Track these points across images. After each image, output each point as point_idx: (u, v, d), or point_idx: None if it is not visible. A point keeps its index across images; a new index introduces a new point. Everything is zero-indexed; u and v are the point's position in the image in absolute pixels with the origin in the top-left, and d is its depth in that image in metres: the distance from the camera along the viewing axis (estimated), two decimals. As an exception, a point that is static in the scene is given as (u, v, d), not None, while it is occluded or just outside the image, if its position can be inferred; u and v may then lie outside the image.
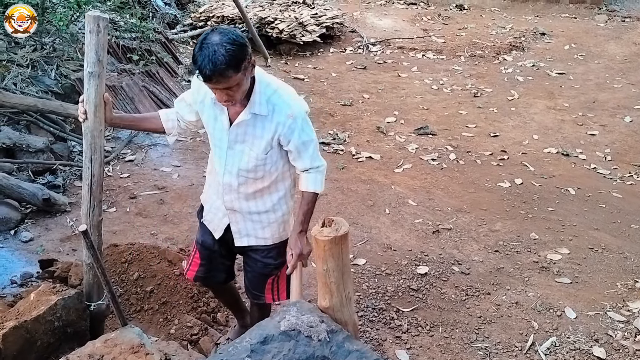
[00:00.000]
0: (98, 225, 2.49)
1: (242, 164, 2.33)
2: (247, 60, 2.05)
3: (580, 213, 4.77)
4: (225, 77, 2.00)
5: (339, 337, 1.76)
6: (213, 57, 1.95)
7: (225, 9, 8.96)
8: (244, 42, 2.04)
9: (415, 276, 3.88)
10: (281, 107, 2.22)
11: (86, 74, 2.29)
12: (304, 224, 2.39)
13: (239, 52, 2.00)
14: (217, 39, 1.98)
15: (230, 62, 1.97)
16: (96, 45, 2.25)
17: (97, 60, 2.27)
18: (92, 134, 2.36)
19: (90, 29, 2.24)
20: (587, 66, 8.61)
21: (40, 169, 4.82)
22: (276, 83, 2.30)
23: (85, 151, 2.39)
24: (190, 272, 2.74)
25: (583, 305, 3.61)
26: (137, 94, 5.97)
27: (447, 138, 6.18)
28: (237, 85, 2.06)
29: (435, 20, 11.04)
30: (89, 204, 2.44)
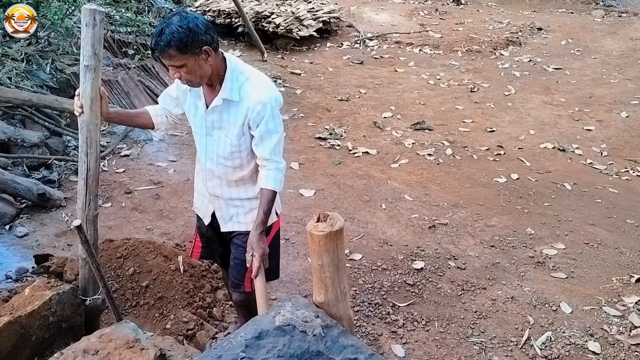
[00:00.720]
0: (94, 220, 2.48)
1: (219, 151, 2.42)
2: (196, 45, 2.13)
3: (576, 208, 4.78)
4: (166, 54, 2.12)
5: (334, 332, 1.76)
6: (159, 32, 2.10)
7: (221, 3, 8.92)
8: (195, 28, 2.12)
9: (411, 271, 3.88)
10: (252, 94, 2.29)
11: (82, 67, 2.28)
12: (263, 224, 2.38)
13: (184, 35, 2.08)
14: (174, 19, 2.12)
15: (171, 42, 2.08)
16: (92, 38, 2.24)
17: (93, 53, 2.26)
18: (88, 128, 2.35)
19: (86, 22, 2.23)
20: (583, 61, 8.61)
21: (35, 164, 4.80)
22: (250, 71, 2.37)
23: (81, 145, 2.38)
24: (195, 253, 2.85)
25: (578, 300, 3.61)
26: (133, 89, 5.95)
27: (444, 133, 6.18)
28: (185, 66, 2.15)
29: (432, 15, 11.03)
30: (84, 199, 2.43)
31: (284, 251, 4.01)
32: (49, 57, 5.87)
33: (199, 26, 2.13)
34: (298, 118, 6.37)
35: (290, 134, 5.97)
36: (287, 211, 4.55)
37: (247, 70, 2.35)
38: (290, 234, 4.26)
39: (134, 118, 2.62)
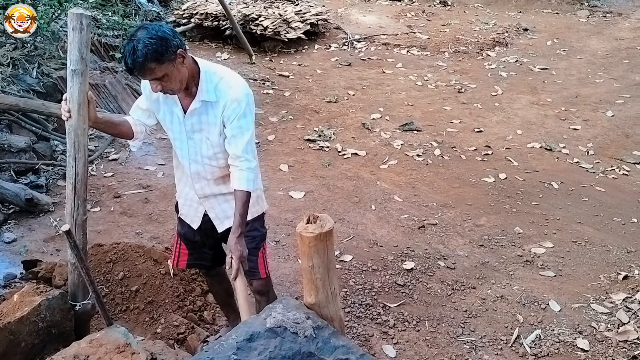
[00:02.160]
0: (83, 225, 2.47)
1: (203, 152, 2.45)
2: (170, 51, 2.15)
3: (564, 207, 4.82)
4: (146, 69, 2.13)
5: (325, 333, 1.77)
6: (132, 51, 2.09)
7: (208, 6, 8.91)
8: (165, 35, 2.14)
9: (401, 271, 3.90)
10: (227, 92, 2.33)
11: (69, 71, 2.27)
12: (241, 226, 2.39)
13: (157, 45, 2.10)
14: (140, 34, 2.12)
15: (148, 55, 2.09)
16: (79, 42, 2.23)
17: (80, 57, 2.25)
18: (75, 133, 2.34)
19: (73, 27, 2.22)
20: (569, 61, 8.69)
21: (22, 169, 4.77)
22: (222, 71, 2.40)
23: (69, 150, 2.37)
24: (181, 262, 2.85)
25: (567, 298, 3.65)
26: (120, 92, 5.92)
27: (432, 134, 6.21)
28: (166, 75, 2.17)
29: (420, 16, 11.08)
30: (73, 203, 2.42)
31: (274, 253, 4.03)
32: (35, 62, 5.83)
33: (166, 32, 2.16)
34: (287, 120, 6.38)
35: (279, 136, 5.97)
36: (277, 213, 4.55)
37: (218, 70, 2.39)
38: (280, 236, 4.27)
39: (117, 126, 2.58)
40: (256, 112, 6.42)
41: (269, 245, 4.08)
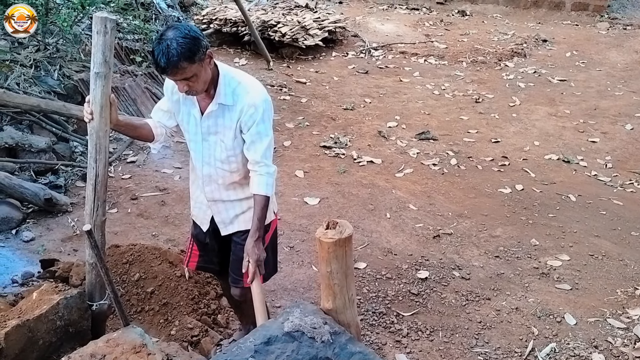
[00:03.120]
0: (101, 225, 2.50)
1: (216, 155, 2.47)
2: (202, 52, 2.18)
3: (581, 220, 4.78)
4: (179, 69, 2.15)
5: (342, 338, 1.77)
6: (166, 50, 2.11)
7: (228, 12, 8.98)
8: (196, 35, 2.17)
9: (415, 280, 3.89)
10: (244, 97, 2.35)
11: (92, 74, 2.30)
12: (259, 230, 2.41)
13: (191, 44, 2.13)
14: (172, 34, 2.14)
15: (182, 55, 2.11)
16: (103, 46, 2.26)
17: (103, 61, 2.28)
18: (97, 135, 2.37)
19: (97, 30, 2.25)
20: (588, 73, 8.63)
21: (42, 169, 4.83)
22: (241, 76, 2.43)
23: (90, 151, 2.40)
24: (191, 263, 2.86)
25: (583, 312, 3.61)
26: (140, 96, 5.98)
27: (449, 143, 6.19)
28: (195, 76, 2.21)
29: (438, 25, 11.07)
30: (92, 204, 2.44)
31: (288, 259, 4.04)
32: (57, 64, 5.91)
33: (197, 32, 2.19)
34: (303, 126, 6.40)
35: (295, 142, 6.00)
36: (292, 219, 4.57)
37: (237, 75, 2.41)
38: (295, 241, 4.27)
39: (138, 129, 2.62)
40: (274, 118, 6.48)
41: (283, 251, 4.11)
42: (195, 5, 10.06)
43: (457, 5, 12.39)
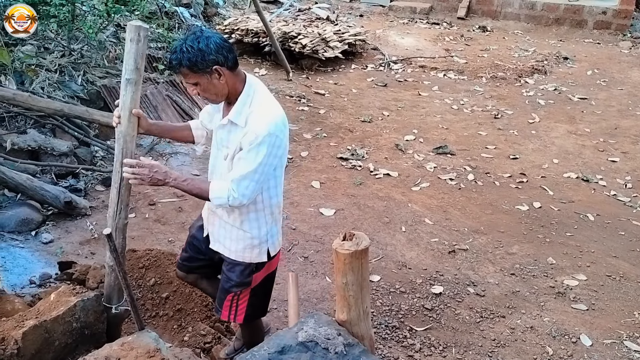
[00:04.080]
0: (123, 229, 2.53)
1: (221, 168, 2.45)
2: (205, 65, 2.18)
3: (599, 239, 4.72)
4: (180, 73, 2.23)
5: (355, 350, 1.77)
6: (174, 51, 2.20)
7: (249, 23, 9.08)
8: (206, 49, 2.17)
9: (429, 295, 3.87)
10: (254, 123, 2.26)
11: (123, 80, 2.33)
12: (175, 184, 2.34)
13: (193, 55, 2.16)
14: (188, 39, 2.20)
15: (182, 62, 2.18)
16: (135, 53, 2.30)
17: (135, 68, 2.31)
18: (124, 139, 2.40)
19: (131, 38, 2.28)
20: (609, 92, 8.56)
21: (63, 172, 4.91)
22: (264, 100, 2.34)
23: (117, 155, 2.43)
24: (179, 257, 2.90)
25: (599, 333, 3.56)
26: (161, 103, 6.06)
27: (466, 158, 6.17)
28: (199, 84, 2.24)
29: (458, 40, 11.07)
30: (116, 207, 2.47)
31: (302, 269, 4.04)
32: (81, 69, 6.02)
33: (209, 46, 2.18)
34: (321, 137, 6.42)
35: (312, 153, 6.02)
36: (307, 229, 4.58)
37: (263, 100, 2.34)
38: (309, 252, 4.28)
39: (174, 132, 2.67)
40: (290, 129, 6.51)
41: (297, 261, 4.12)
42: (218, 15, 10.18)
43: (478, 20, 12.40)
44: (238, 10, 11.05)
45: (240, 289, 2.57)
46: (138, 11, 6.75)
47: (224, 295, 2.62)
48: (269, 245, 2.54)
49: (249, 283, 2.56)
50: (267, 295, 2.76)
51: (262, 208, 2.44)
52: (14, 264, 3.81)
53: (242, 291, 2.58)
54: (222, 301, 2.63)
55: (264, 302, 2.75)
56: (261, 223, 2.48)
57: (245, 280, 2.56)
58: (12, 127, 5.05)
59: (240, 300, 2.60)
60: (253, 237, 2.49)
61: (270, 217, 2.50)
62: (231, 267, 2.57)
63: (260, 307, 2.73)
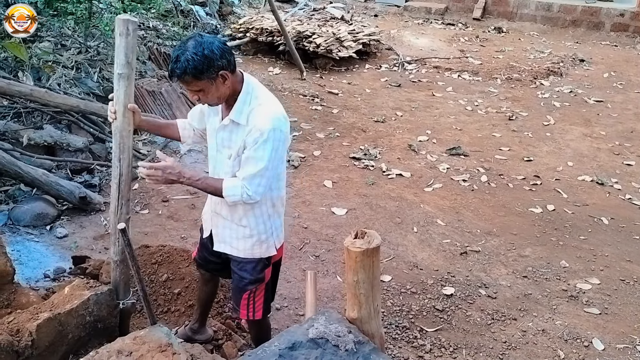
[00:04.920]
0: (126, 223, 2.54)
1: (224, 168, 2.43)
2: (211, 71, 2.15)
3: (613, 243, 4.68)
4: (184, 81, 2.17)
5: (365, 348, 1.77)
6: (176, 60, 2.13)
7: (264, 22, 9.11)
8: (211, 55, 2.12)
9: (440, 296, 3.86)
10: (256, 120, 2.26)
11: (116, 75, 2.34)
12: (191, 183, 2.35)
13: (200, 62, 2.11)
14: (190, 45, 2.13)
15: (187, 70, 2.11)
16: (125, 47, 2.30)
17: (126, 62, 2.31)
18: (121, 134, 2.41)
19: (120, 32, 2.28)
20: (626, 95, 8.47)
21: (78, 168, 4.96)
22: (264, 98, 2.34)
23: (115, 150, 2.44)
24: (195, 252, 2.92)
25: (612, 338, 3.53)
26: (175, 100, 6.10)
27: (480, 160, 6.14)
28: (202, 90, 2.20)
29: (473, 41, 11.02)
30: (117, 202, 2.49)
31: (313, 268, 4.05)
32: (97, 66, 6.08)
33: (214, 52, 2.13)
34: (333, 137, 6.43)
35: (325, 152, 6.03)
36: (319, 228, 4.58)
37: (261, 96, 2.33)
38: (321, 251, 4.29)
39: (162, 128, 2.67)
40: (303, 128, 6.53)
41: (308, 260, 4.13)
42: (233, 14, 10.23)
43: (494, 21, 12.34)
44: (253, 9, 11.09)
45: (255, 286, 2.60)
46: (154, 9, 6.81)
47: (239, 295, 2.63)
48: (275, 239, 2.57)
49: (262, 279, 2.60)
50: (273, 291, 2.81)
51: (263, 202, 2.45)
52: (29, 258, 3.86)
53: (258, 287, 2.61)
54: (239, 300, 2.65)
55: (273, 293, 2.80)
56: (265, 218, 2.50)
57: (259, 277, 2.59)
58: (28, 123, 5.11)
59: (257, 297, 2.63)
60: (260, 233, 2.50)
61: (272, 209, 2.51)
62: (242, 265, 2.59)
63: (272, 299, 2.79)
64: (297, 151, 5.93)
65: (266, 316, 2.76)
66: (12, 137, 4.84)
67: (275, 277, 2.77)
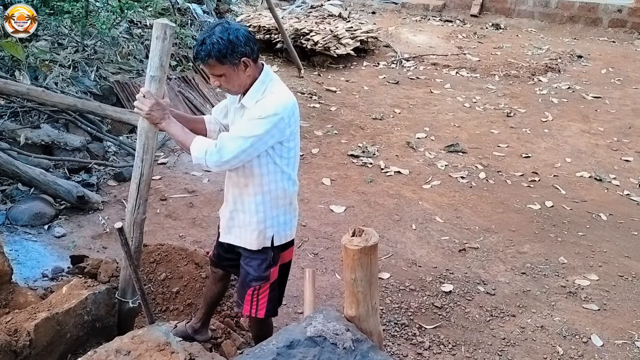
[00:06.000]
0: (141, 223, 2.55)
1: None
2: (234, 56, 2.23)
3: (611, 239, 4.68)
4: (207, 64, 2.25)
5: (363, 346, 1.77)
6: (202, 43, 2.21)
7: (262, 20, 9.09)
8: (236, 40, 2.21)
9: (439, 294, 3.86)
10: (262, 103, 2.32)
11: (148, 77, 2.35)
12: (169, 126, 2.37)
13: (224, 46, 2.19)
14: (216, 30, 2.22)
15: (211, 53, 2.20)
16: (161, 51, 2.31)
17: (160, 65, 2.33)
18: (146, 135, 2.43)
19: (157, 36, 2.30)
20: (624, 91, 8.47)
21: (76, 167, 4.95)
22: (276, 88, 2.38)
23: (138, 151, 2.45)
24: (211, 252, 2.93)
25: (610, 334, 3.54)
26: (173, 99, 6.09)
27: (478, 157, 6.14)
28: (224, 75, 2.28)
29: (471, 38, 11.01)
30: (135, 202, 2.50)
31: (312, 266, 4.05)
32: (94, 65, 6.06)
33: (239, 38, 2.22)
34: (332, 135, 6.42)
35: (323, 150, 6.02)
36: (317, 226, 4.58)
37: (275, 86, 2.38)
38: (319, 249, 4.29)
39: (190, 123, 2.65)
40: (301, 125, 6.51)
41: (307, 258, 4.12)
42: (231, 12, 10.20)
43: (492, 18, 12.33)
44: (250, 7, 11.07)
45: (259, 284, 2.60)
46: (151, 7, 6.79)
47: (244, 290, 2.64)
48: (274, 233, 2.55)
49: (267, 277, 2.60)
50: (283, 287, 2.82)
51: (267, 191, 2.46)
52: (27, 257, 3.85)
53: (262, 286, 2.61)
54: (243, 296, 2.66)
55: (280, 295, 2.81)
56: (266, 207, 2.49)
57: (263, 275, 2.59)
58: (25, 122, 5.10)
59: (261, 295, 2.63)
60: (259, 222, 2.50)
61: (275, 202, 2.50)
62: (248, 261, 2.60)
63: (278, 300, 2.79)
64: (295, 149, 5.91)
65: (269, 317, 2.76)
66: (10, 136, 4.83)
67: (283, 279, 2.78)
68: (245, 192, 2.48)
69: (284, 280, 2.81)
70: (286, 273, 2.82)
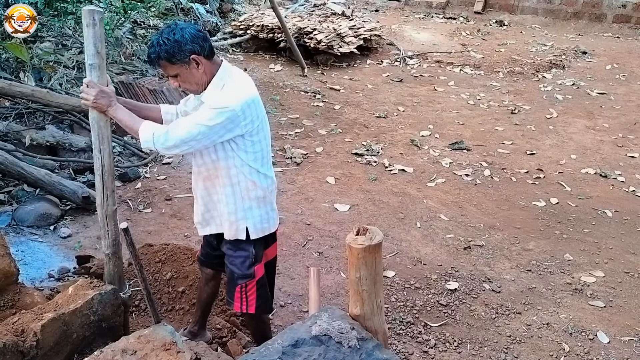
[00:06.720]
0: (113, 215, 2.53)
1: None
2: (182, 55, 2.26)
3: (617, 236, 4.67)
4: (160, 66, 2.32)
5: (369, 345, 1.77)
6: (151, 46, 2.30)
7: (265, 19, 9.09)
8: (182, 39, 2.25)
9: (444, 291, 3.85)
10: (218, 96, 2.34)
11: (87, 66, 2.33)
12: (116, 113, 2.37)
13: (171, 46, 2.25)
14: (164, 31, 2.28)
15: (160, 54, 2.26)
16: (94, 37, 2.27)
17: (95, 52, 2.29)
18: (98, 125, 2.40)
19: (87, 23, 2.25)
20: (629, 87, 8.43)
21: (81, 168, 4.97)
22: (237, 83, 2.39)
23: (94, 142, 2.42)
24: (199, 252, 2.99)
25: (616, 330, 3.52)
26: (177, 99, 6.09)
27: (482, 154, 6.12)
28: (178, 75, 2.32)
29: (475, 35, 10.98)
30: (102, 194, 2.48)
31: (317, 265, 4.05)
32: (98, 66, 6.07)
33: (184, 37, 2.25)
34: (336, 133, 6.42)
35: (327, 148, 6.02)
36: (322, 225, 4.58)
37: (233, 78, 2.40)
38: (324, 247, 4.29)
39: (144, 111, 2.63)
40: (305, 124, 6.52)
41: (312, 256, 4.13)
42: (234, 11, 10.22)
43: (495, 15, 12.29)
44: (253, 6, 11.07)
45: (245, 281, 2.63)
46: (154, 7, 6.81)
47: (232, 287, 2.68)
48: (249, 225, 2.56)
49: (251, 275, 2.62)
50: (272, 284, 2.84)
51: (237, 182, 2.48)
52: (33, 258, 3.87)
53: (248, 283, 2.64)
54: (232, 293, 2.69)
55: (271, 292, 2.83)
56: (237, 198, 2.51)
57: (247, 273, 2.62)
58: (30, 123, 5.12)
59: (249, 292, 2.65)
60: (230, 213, 2.53)
61: (246, 193, 2.51)
62: (232, 259, 2.64)
63: (269, 298, 2.80)
64: (299, 148, 5.93)
65: (262, 313, 2.79)
66: (15, 137, 4.85)
67: (270, 276, 2.81)
68: (217, 182, 2.51)
69: (271, 278, 2.84)
70: (272, 270, 2.86)
